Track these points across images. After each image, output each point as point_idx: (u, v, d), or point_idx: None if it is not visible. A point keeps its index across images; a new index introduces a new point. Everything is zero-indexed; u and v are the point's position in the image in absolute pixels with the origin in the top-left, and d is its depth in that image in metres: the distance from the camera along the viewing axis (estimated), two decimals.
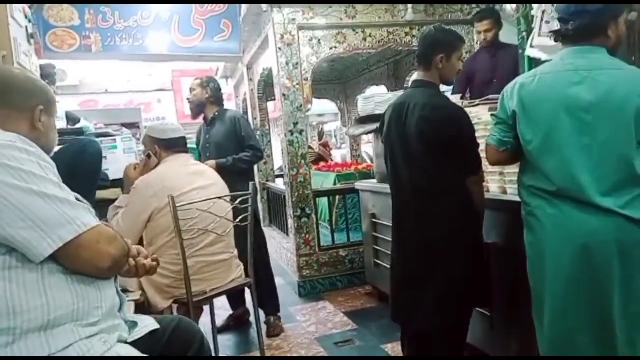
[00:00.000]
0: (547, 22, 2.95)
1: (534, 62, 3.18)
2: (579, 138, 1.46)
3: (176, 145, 2.42)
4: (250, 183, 2.54)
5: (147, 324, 1.33)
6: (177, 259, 2.16)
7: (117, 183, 2.50)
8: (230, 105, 3.47)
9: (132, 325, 1.30)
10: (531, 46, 3.13)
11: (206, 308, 2.61)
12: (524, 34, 3.49)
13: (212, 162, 2.99)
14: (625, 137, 1.42)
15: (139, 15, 4.11)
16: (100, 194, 2.39)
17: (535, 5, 3.10)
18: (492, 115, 1.71)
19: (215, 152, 3.15)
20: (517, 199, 2.02)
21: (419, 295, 2.03)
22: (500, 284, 2.12)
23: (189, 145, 2.55)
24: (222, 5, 4.20)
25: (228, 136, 3.13)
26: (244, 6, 4.05)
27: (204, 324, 2.74)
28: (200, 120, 3.34)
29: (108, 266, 1.15)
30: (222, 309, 3.36)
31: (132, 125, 6.34)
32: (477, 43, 3.91)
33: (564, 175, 1.49)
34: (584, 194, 1.45)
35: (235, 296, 3.18)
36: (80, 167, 2.07)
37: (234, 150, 3.09)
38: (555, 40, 1.65)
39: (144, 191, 2.21)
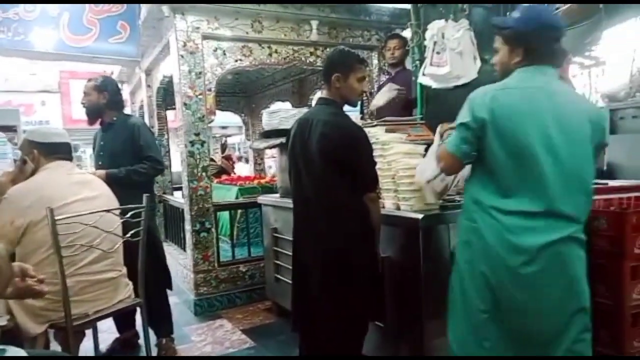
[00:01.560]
0: (438, 53, 3.22)
1: (426, 89, 3.46)
2: (546, 154, 1.50)
3: (58, 151, 2.20)
4: (145, 195, 2.37)
5: (12, 354, 1.17)
6: (54, 277, 1.94)
7: None
8: (125, 112, 3.22)
9: None
10: (423, 74, 3.39)
11: (89, 332, 2.38)
12: (417, 62, 3.79)
13: (102, 172, 2.73)
14: (584, 156, 1.54)
15: (22, 8, 3.71)
16: None
17: (427, 36, 3.37)
18: (459, 123, 1.64)
19: (109, 160, 2.88)
20: (410, 214, 2.16)
21: (316, 310, 2.05)
22: (393, 296, 2.22)
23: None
24: (119, 5, 3.95)
25: (125, 144, 2.86)
26: (144, 9, 3.85)
27: (87, 349, 2.50)
28: (97, 126, 3.05)
29: None
30: (108, 331, 3.09)
31: (9, 129, 5.64)
32: (384, 65, 4.18)
33: (529, 190, 1.52)
34: (549, 208, 1.50)
35: (123, 318, 2.93)
36: None
37: (130, 160, 2.83)
38: (524, 59, 1.65)
39: (17, 201, 1.97)
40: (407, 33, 4.17)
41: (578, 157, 1.53)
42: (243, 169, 7.73)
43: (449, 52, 3.15)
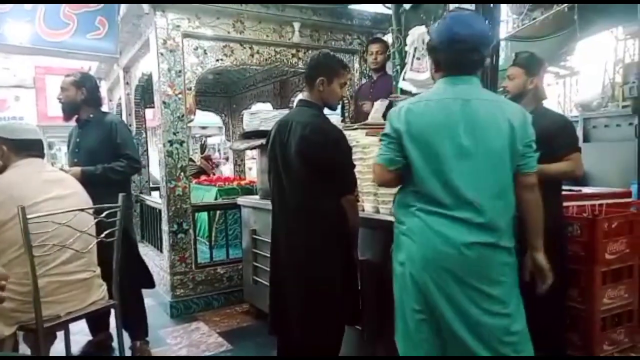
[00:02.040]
0: (418, 59, 3.26)
1: (406, 94, 3.50)
2: (459, 163, 1.56)
3: (29, 148, 2.13)
4: (120, 195, 2.32)
5: None
6: (25, 278, 1.88)
7: None
8: (102, 109, 3.15)
9: None
10: (403, 79, 3.43)
11: (60, 334, 2.31)
12: (398, 67, 3.82)
13: (77, 169, 2.68)
14: (499, 163, 1.56)
15: None
16: None
17: (408, 42, 3.41)
18: (382, 135, 1.73)
19: (85, 158, 2.81)
20: (390, 217, 2.17)
21: (293, 312, 2.05)
22: (371, 298, 2.23)
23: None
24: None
25: (102, 142, 2.81)
26: (124, 6, 3.79)
27: (58, 352, 2.44)
28: (73, 122, 2.98)
29: None
30: (81, 333, 3.01)
31: None
32: (366, 69, 4.22)
33: (445, 197, 1.56)
34: (462, 215, 1.54)
35: (96, 320, 2.86)
36: None
37: (107, 158, 2.78)
38: (436, 71, 1.73)
39: None
40: (388, 38, 4.22)
41: (492, 163, 1.56)
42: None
43: (428, 58, 3.19)
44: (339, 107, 3.87)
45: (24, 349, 2.17)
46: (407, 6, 3.67)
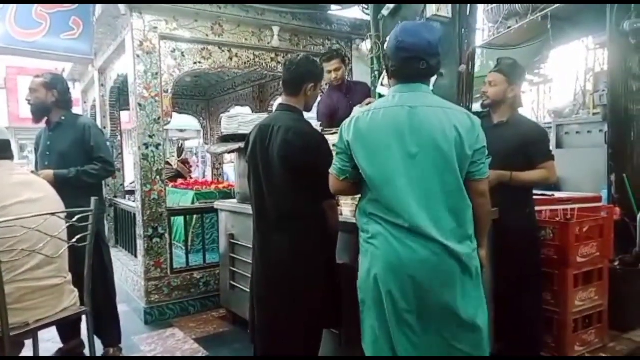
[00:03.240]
0: None
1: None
2: (407, 170, 1.57)
3: None
4: (93, 199, 2.26)
5: None
6: None
7: None
8: (76, 111, 3.08)
9: None
10: (382, 84, 3.46)
11: (29, 342, 2.23)
12: (376, 72, 3.86)
13: (49, 172, 2.61)
14: (447, 168, 1.57)
15: None
16: None
17: (387, 47, 3.44)
18: (333, 145, 1.76)
19: (56, 161, 2.75)
20: None
21: (273, 317, 2.03)
22: (348, 302, 2.22)
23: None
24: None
25: (75, 145, 2.76)
26: (99, 6, 3.71)
27: None
28: (42, 124, 2.91)
29: None
30: (52, 341, 2.92)
31: None
32: (325, 84, 3.72)
33: (396, 204, 1.58)
34: (413, 223, 1.55)
35: (67, 327, 2.78)
36: None
37: (79, 162, 2.73)
38: (389, 77, 1.76)
39: None
40: (366, 44, 4.25)
41: (440, 169, 1.57)
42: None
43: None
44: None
45: None
46: (385, 12, 3.72)
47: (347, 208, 2.39)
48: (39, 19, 3.79)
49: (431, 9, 3.26)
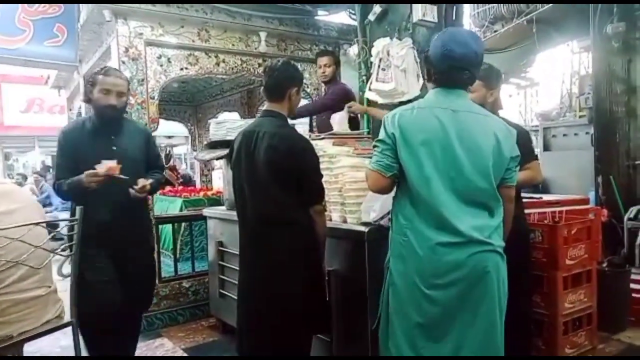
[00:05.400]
0: (383, 69, 3.30)
1: (371, 104, 3.53)
2: (447, 170, 1.59)
3: None
4: (78, 208, 2.21)
5: None
6: None
7: None
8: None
9: None
10: (369, 89, 3.46)
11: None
12: (364, 77, 3.86)
13: (145, 181, 2.36)
14: (484, 173, 1.60)
15: None
16: None
17: (374, 53, 3.46)
18: (376, 141, 1.74)
19: (129, 170, 2.29)
20: (357, 227, 2.17)
21: (259, 324, 2.00)
22: (339, 310, 2.20)
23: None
24: (56, 7, 3.74)
25: (140, 152, 2.51)
26: (84, 12, 3.67)
27: None
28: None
29: None
30: (39, 353, 2.86)
31: None
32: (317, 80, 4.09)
33: (436, 204, 1.59)
34: (451, 224, 1.57)
35: None
36: None
37: (144, 170, 2.51)
38: (429, 80, 1.78)
39: None
40: (353, 49, 4.25)
41: (480, 172, 1.61)
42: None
43: (393, 69, 3.24)
44: (307, 117, 3.85)
45: None
46: (372, 17, 3.73)
47: (336, 214, 2.38)
48: (22, 26, 3.74)
49: (417, 14, 3.28)
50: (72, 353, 2.19)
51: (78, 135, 2.42)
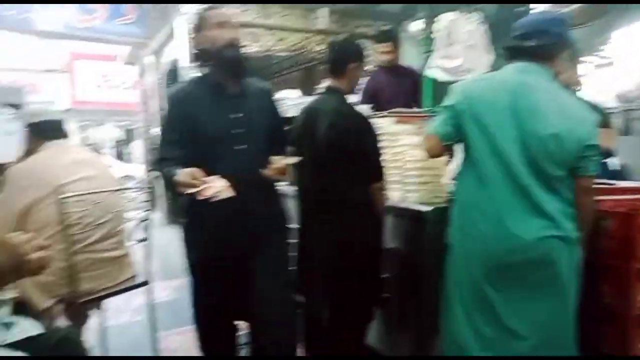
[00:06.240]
0: (450, 45, 3.18)
1: (434, 82, 3.42)
2: (516, 146, 1.54)
3: (51, 130, 2.13)
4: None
5: (25, 327, 1.17)
6: (61, 254, 1.94)
7: None
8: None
9: (6, 326, 1.13)
10: (431, 67, 3.35)
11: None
12: (428, 54, 3.73)
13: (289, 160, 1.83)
14: (556, 152, 1.52)
15: None
16: None
17: (438, 28, 3.33)
18: (441, 106, 1.71)
19: (255, 142, 1.83)
20: (417, 207, 2.15)
21: (324, 299, 2.06)
22: (399, 287, 2.21)
23: None
24: None
25: (266, 119, 1.91)
26: None
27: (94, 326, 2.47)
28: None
29: None
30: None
31: (13, 107, 5.63)
32: (374, 67, 3.78)
33: (500, 183, 1.56)
34: (517, 204, 1.54)
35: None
36: None
37: (269, 142, 1.90)
38: (510, 55, 1.70)
39: (18, 182, 1.96)
40: (416, 25, 4.13)
41: (548, 152, 1.53)
42: None
43: (460, 44, 3.12)
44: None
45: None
46: None
47: (395, 192, 2.36)
48: (96, 5, 3.94)
49: None
50: (144, 314, 2.35)
51: (189, 97, 1.82)
